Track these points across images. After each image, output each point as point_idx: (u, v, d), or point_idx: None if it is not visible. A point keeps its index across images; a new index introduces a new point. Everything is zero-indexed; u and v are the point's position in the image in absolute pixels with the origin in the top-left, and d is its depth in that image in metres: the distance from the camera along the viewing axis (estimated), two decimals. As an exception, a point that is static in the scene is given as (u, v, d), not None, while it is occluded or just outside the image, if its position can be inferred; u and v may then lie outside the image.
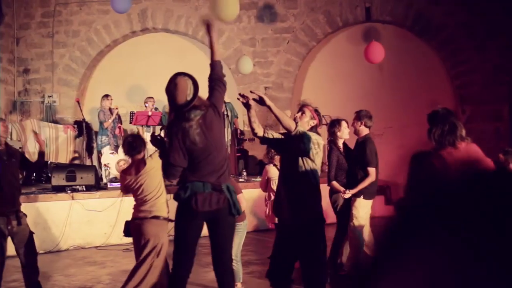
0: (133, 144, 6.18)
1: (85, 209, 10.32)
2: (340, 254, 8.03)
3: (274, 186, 7.23)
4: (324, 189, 8.15)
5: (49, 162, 12.02)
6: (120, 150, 10.38)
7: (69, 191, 10.42)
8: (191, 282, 5.60)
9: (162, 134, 5.59)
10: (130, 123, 12.85)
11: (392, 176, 12.58)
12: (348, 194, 7.63)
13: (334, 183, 7.83)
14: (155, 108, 13.37)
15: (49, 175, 10.69)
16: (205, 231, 5.27)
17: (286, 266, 5.47)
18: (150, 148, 6.55)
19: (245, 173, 12.43)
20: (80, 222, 10.29)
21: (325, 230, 5.41)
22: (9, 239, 6.79)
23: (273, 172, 7.50)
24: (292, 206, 5.31)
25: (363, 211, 7.60)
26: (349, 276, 7.66)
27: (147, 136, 9.25)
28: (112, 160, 12.04)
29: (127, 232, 6.27)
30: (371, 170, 7.59)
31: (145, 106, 13.14)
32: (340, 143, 8.01)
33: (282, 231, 5.60)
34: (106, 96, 13.33)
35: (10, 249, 9.49)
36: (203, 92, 5.28)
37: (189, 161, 4.94)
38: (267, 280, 5.49)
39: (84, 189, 10.60)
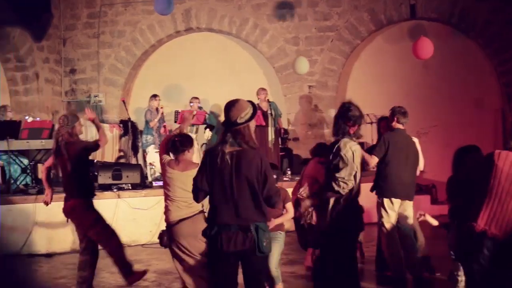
0: (176, 144, 6.02)
1: (130, 207, 10.43)
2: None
3: None
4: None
5: (95, 161, 12.16)
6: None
7: (115, 190, 10.56)
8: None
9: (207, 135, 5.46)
10: (175, 122, 12.93)
11: (437, 176, 12.41)
12: None
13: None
14: (199, 107, 13.44)
15: (95, 173, 10.82)
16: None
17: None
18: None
19: (289, 172, 12.41)
20: (126, 220, 10.39)
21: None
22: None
23: None
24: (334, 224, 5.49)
25: (383, 211, 7.34)
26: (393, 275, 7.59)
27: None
28: (157, 158, 12.12)
29: (165, 241, 6.14)
30: (372, 156, 7.24)
31: (190, 106, 13.23)
32: None
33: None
34: (154, 96, 13.44)
35: (59, 245, 9.73)
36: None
37: (215, 199, 4.73)
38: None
39: (130, 188, 10.72)
